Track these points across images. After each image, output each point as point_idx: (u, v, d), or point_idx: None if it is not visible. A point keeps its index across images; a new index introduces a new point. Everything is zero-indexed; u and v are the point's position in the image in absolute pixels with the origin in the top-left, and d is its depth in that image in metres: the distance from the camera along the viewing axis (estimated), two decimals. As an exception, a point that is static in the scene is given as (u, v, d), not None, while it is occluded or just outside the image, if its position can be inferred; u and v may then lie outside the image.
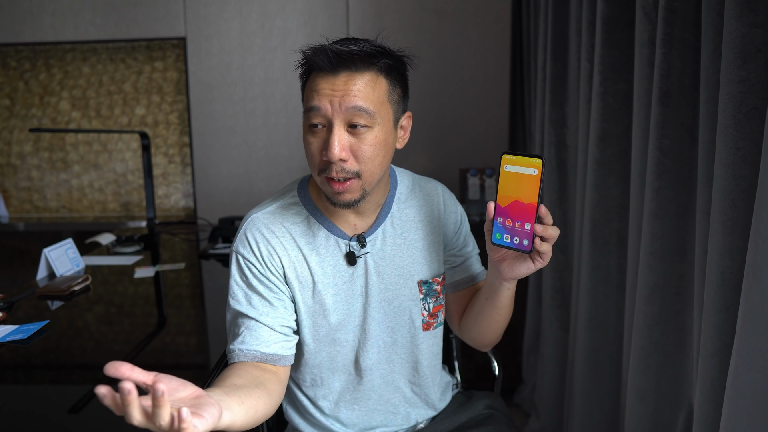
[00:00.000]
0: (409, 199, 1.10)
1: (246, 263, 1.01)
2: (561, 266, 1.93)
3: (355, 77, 0.91)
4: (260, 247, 1.00)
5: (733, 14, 0.86)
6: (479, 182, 2.40)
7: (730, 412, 0.86)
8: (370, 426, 1.12)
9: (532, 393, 2.23)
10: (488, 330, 1.08)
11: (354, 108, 0.90)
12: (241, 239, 1.02)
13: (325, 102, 0.91)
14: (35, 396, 1.06)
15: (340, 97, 0.90)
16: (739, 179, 0.89)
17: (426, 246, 1.09)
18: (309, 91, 0.94)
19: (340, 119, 0.91)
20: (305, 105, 0.95)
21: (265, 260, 1.00)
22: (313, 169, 0.97)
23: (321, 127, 0.93)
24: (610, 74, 1.45)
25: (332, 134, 0.91)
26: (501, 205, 0.87)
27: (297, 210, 1.05)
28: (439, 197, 1.13)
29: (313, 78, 0.94)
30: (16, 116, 2.89)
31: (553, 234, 0.85)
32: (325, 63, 0.91)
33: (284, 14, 2.54)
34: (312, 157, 0.96)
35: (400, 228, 1.08)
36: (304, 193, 1.06)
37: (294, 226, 1.03)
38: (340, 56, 0.91)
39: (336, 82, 0.91)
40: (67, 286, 1.58)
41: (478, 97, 2.52)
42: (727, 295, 0.92)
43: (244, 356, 0.96)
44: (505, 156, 0.85)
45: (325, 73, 0.92)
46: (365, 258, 1.05)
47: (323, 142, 0.93)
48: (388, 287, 1.06)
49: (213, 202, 2.67)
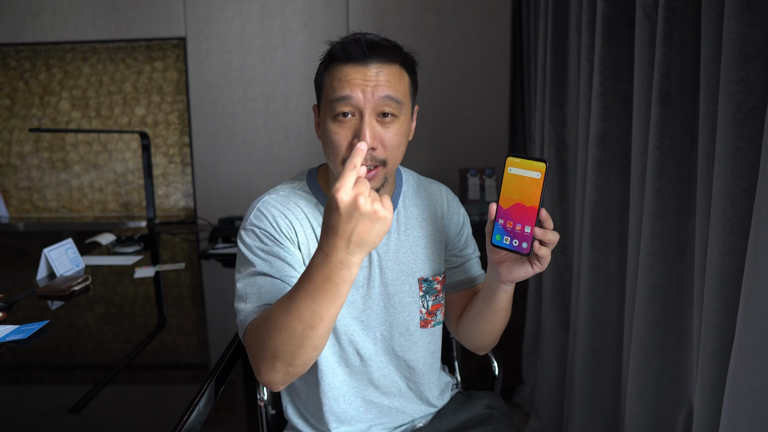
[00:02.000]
0: (415, 198, 1.13)
1: (264, 234, 0.99)
2: (561, 266, 1.93)
3: (384, 68, 0.94)
4: (278, 220, 1.01)
5: (733, 14, 0.87)
6: (479, 182, 2.40)
7: (730, 412, 0.86)
8: (368, 420, 1.12)
9: (532, 393, 2.23)
10: (485, 332, 1.08)
11: (385, 97, 0.93)
12: (256, 216, 1.01)
13: (357, 91, 0.93)
14: (35, 396, 1.06)
15: (372, 86, 0.93)
16: (739, 179, 0.89)
17: (428, 244, 1.11)
18: (337, 81, 0.94)
19: (371, 108, 0.93)
20: (333, 95, 0.95)
21: (283, 231, 1.00)
22: (336, 158, 0.96)
23: (350, 117, 0.94)
24: (610, 74, 1.45)
25: (364, 123, 0.93)
26: (503, 207, 0.87)
27: (307, 197, 1.06)
28: (443, 198, 1.16)
29: (340, 68, 0.95)
30: (16, 116, 2.89)
31: (553, 239, 0.85)
32: (358, 53, 0.93)
33: (284, 14, 2.54)
34: (336, 147, 0.95)
35: (404, 225, 1.10)
36: (313, 182, 1.08)
37: (306, 207, 1.05)
38: (373, 47, 0.93)
39: (367, 72, 0.93)
40: (67, 286, 1.58)
41: (478, 97, 2.52)
42: (727, 295, 0.92)
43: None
44: (509, 158, 0.86)
45: (354, 63, 0.94)
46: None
47: (352, 132, 0.94)
48: (389, 282, 1.07)
49: (213, 202, 2.67)
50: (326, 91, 0.97)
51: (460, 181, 2.44)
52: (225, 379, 1.17)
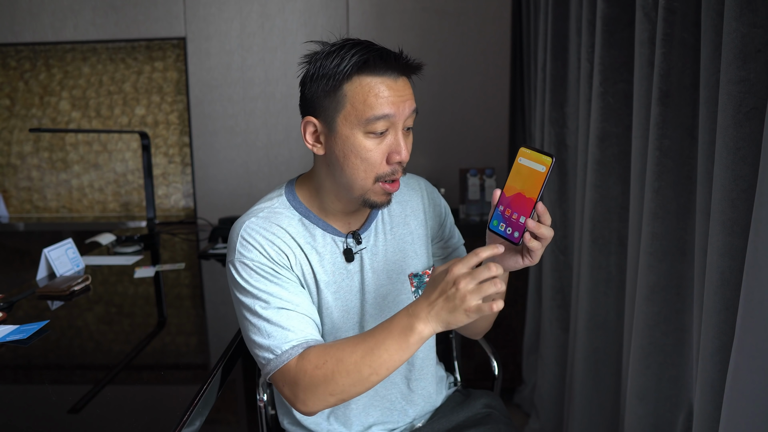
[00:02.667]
0: (396, 195, 1.12)
1: (257, 266, 0.96)
2: (561, 266, 1.93)
3: (406, 81, 0.95)
4: (266, 249, 0.97)
5: (733, 14, 0.86)
6: (479, 182, 2.39)
7: (730, 412, 0.86)
8: (368, 424, 1.12)
9: (532, 393, 2.23)
10: (479, 320, 1.08)
11: (413, 112, 0.95)
12: (242, 245, 0.97)
13: (394, 108, 0.92)
14: (35, 396, 1.06)
15: (404, 102, 0.93)
16: (739, 179, 0.89)
17: (414, 240, 1.11)
18: (373, 97, 0.91)
19: (402, 121, 0.94)
20: (371, 112, 0.91)
21: (275, 259, 0.97)
22: (368, 175, 0.95)
23: (385, 133, 0.94)
24: (610, 74, 1.45)
25: (398, 137, 0.94)
26: (506, 195, 0.89)
27: (288, 213, 1.03)
28: (422, 191, 1.16)
29: (374, 82, 0.91)
30: (16, 116, 2.89)
31: (546, 234, 0.85)
32: (395, 66, 0.92)
33: (284, 14, 2.54)
34: (374, 165, 0.94)
35: (389, 224, 1.10)
36: (293, 197, 1.05)
37: (290, 227, 1.01)
38: (403, 62, 0.93)
39: (397, 87, 0.93)
40: (67, 286, 1.58)
41: (478, 97, 2.52)
42: (727, 295, 0.92)
43: (309, 343, 0.93)
44: (522, 149, 0.87)
45: (386, 77, 0.92)
46: (361, 255, 1.06)
47: (387, 147, 0.94)
48: (382, 283, 1.07)
49: (213, 202, 2.67)
50: (355, 105, 0.91)
51: (460, 181, 2.44)
52: (225, 379, 1.17)
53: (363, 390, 0.89)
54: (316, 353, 0.90)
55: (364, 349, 0.87)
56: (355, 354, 0.87)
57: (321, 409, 0.92)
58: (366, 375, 0.87)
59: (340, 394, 0.89)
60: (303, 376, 0.90)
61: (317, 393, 0.89)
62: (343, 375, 0.87)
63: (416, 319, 0.84)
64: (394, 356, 0.86)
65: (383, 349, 0.86)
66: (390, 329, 0.86)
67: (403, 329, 0.85)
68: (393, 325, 0.86)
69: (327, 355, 0.89)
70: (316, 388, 0.89)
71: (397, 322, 0.86)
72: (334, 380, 0.88)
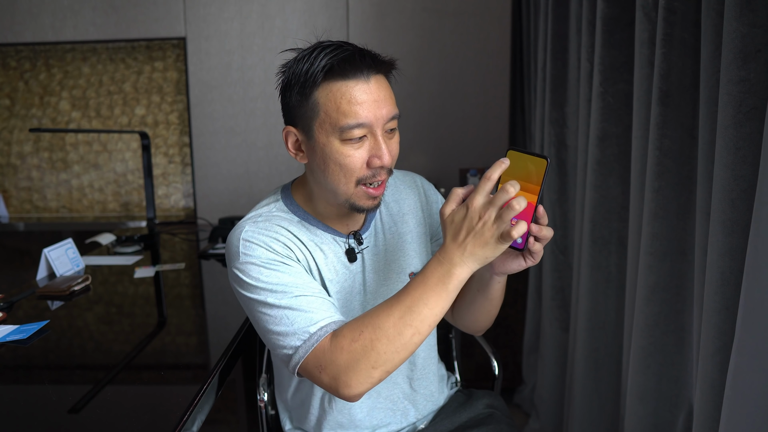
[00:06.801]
0: (393, 194, 1.12)
1: (263, 262, 0.92)
2: (561, 266, 1.93)
3: (381, 80, 0.91)
4: (270, 244, 0.94)
5: (733, 14, 0.87)
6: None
7: (730, 412, 0.86)
8: (372, 425, 1.12)
9: (532, 393, 2.23)
10: (481, 318, 1.08)
11: (391, 115, 0.91)
12: (245, 248, 0.93)
13: (369, 114, 0.88)
14: (35, 396, 1.06)
15: (379, 104, 0.89)
16: (739, 179, 0.89)
17: (414, 238, 1.11)
18: (345, 103, 0.87)
19: (380, 125, 0.90)
20: (344, 120, 0.88)
21: (280, 252, 0.94)
22: (349, 180, 0.92)
23: (363, 138, 0.91)
24: (610, 74, 1.45)
25: (378, 141, 0.90)
26: None
27: (287, 216, 1.01)
28: (419, 188, 1.15)
29: (343, 86, 0.88)
30: (16, 116, 2.89)
31: (547, 235, 0.85)
32: (363, 67, 0.88)
33: (284, 14, 2.54)
34: (353, 170, 0.91)
35: (388, 223, 1.10)
36: (290, 201, 1.04)
37: (290, 227, 1.00)
38: (369, 60, 0.88)
39: (370, 89, 0.89)
40: (67, 286, 1.58)
41: (478, 97, 2.52)
42: (727, 295, 0.92)
43: (337, 323, 0.89)
44: (510, 152, 0.83)
45: (357, 80, 0.88)
46: (362, 255, 1.05)
47: (366, 151, 0.91)
48: (383, 282, 1.07)
49: (213, 202, 2.67)
50: (328, 113, 0.89)
51: (460, 181, 2.44)
52: (225, 379, 1.17)
53: (406, 356, 0.84)
54: (349, 327, 0.86)
55: (401, 310, 0.83)
56: (392, 316, 0.83)
57: (367, 388, 0.85)
58: (408, 336, 0.83)
59: (383, 365, 0.84)
60: (341, 354, 0.84)
61: (359, 369, 0.84)
62: (383, 342, 0.83)
63: (451, 265, 0.82)
64: (435, 309, 0.83)
65: (422, 303, 0.83)
66: (425, 282, 0.83)
67: (439, 278, 0.82)
68: (427, 278, 0.83)
69: (362, 325, 0.85)
70: (357, 364, 0.84)
71: (431, 273, 0.83)
72: (374, 349, 0.83)
